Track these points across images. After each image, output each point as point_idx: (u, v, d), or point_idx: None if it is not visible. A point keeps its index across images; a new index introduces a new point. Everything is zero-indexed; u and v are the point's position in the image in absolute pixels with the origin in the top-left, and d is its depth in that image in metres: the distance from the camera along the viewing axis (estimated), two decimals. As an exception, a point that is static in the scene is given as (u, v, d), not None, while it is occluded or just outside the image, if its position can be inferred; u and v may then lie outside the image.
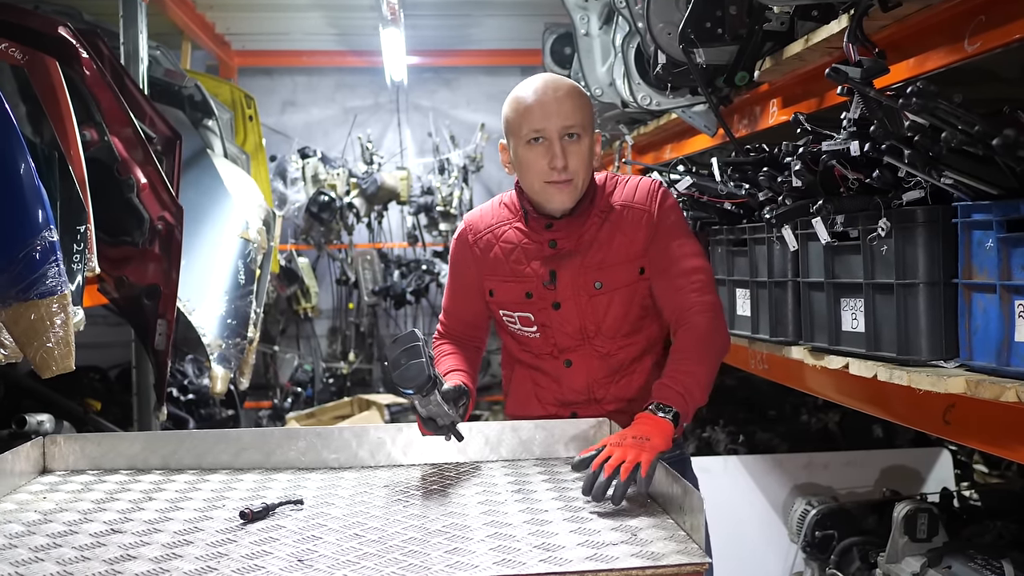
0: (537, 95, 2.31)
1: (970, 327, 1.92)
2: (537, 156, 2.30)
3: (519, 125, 2.32)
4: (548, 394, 2.45)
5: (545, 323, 2.40)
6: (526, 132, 2.30)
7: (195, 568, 1.57)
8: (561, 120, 2.28)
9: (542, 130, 2.29)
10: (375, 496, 2.01)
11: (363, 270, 7.52)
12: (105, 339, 5.02)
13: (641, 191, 2.40)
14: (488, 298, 2.46)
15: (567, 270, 2.36)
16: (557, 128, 2.28)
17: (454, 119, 7.75)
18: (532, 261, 2.39)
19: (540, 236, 2.39)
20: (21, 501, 2.00)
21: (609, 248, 2.36)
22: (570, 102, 2.30)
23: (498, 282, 2.43)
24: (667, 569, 1.55)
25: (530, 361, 2.47)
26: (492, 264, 2.43)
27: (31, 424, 3.47)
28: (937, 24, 2.09)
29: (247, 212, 4.17)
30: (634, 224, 2.36)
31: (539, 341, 2.42)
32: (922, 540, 2.75)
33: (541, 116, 2.29)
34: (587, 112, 2.34)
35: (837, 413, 4.46)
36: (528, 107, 2.30)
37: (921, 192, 2.04)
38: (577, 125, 2.29)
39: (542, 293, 2.38)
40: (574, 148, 2.30)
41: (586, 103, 2.35)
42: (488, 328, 2.58)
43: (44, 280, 2.09)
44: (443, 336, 2.55)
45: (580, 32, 4.11)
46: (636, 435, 1.98)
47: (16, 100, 2.74)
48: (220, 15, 6.52)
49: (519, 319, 2.42)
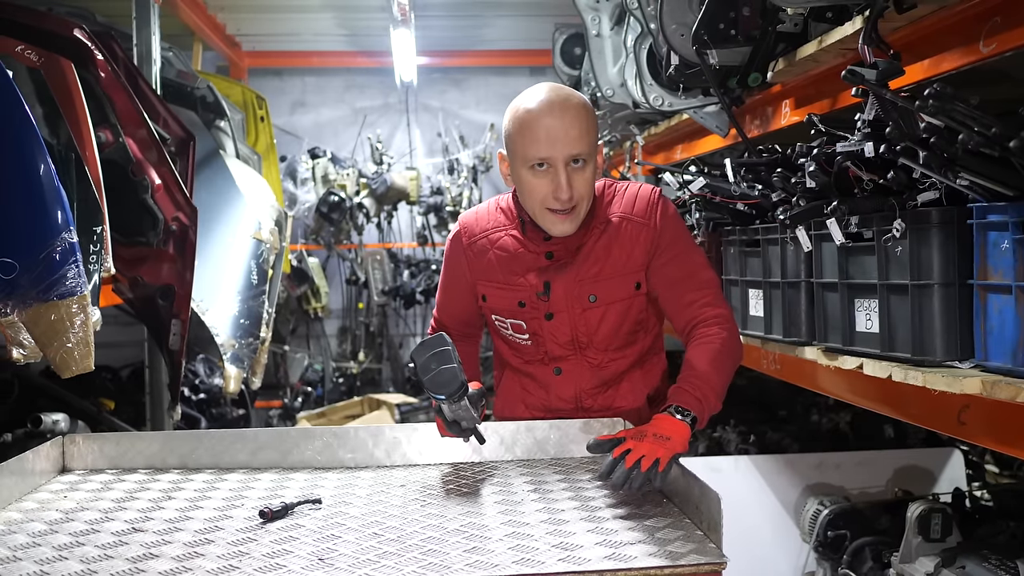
0: (543, 118, 2.18)
1: (985, 328, 1.93)
2: (541, 183, 2.21)
3: (523, 148, 2.21)
4: (536, 400, 2.44)
5: (537, 332, 2.38)
6: (530, 157, 2.20)
7: (218, 567, 1.58)
8: (568, 149, 2.18)
9: (548, 158, 2.19)
10: (392, 495, 2.03)
11: (373, 270, 7.53)
12: (117, 339, 5.03)
13: (640, 203, 2.33)
14: (481, 303, 2.44)
15: (561, 282, 2.32)
16: (563, 157, 2.18)
17: (464, 119, 7.77)
18: (527, 271, 2.35)
19: (537, 247, 2.35)
20: (42, 500, 2.02)
21: (605, 261, 2.31)
22: (577, 127, 2.18)
23: (491, 288, 2.40)
24: (685, 568, 1.56)
25: (520, 366, 2.46)
26: (486, 269, 2.40)
27: (46, 423, 3.49)
28: (952, 25, 2.10)
29: (259, 213, 4.19)
30: (633, 238, 2.31)
31: (530, 348, 2.41)
32: (936, 540, 2.75)
33: (547, 144, 2.18)
34: (594, 133, 2.24)
35: (848, 413, 4.46)
36: (533, 132, 2.19)
37: (936, 193, 2.05)
38: (584, 152, 2.20)
39: (535, 303, 2.35)
40: (579, 176, 2.20)
41: (593, 123, 2.24)
42: (482, 325, 2.57)
43: (64, 281, 2.11)
44: (436, 332, 2.54)
45: (591, 33, 4.12)
46: (656, 433, 1.98)
47: (33, 102, 2.76)
48: (231, 16, 6.54)
49: (511, 326, 2.41)
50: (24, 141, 2.08)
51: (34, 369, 4.10)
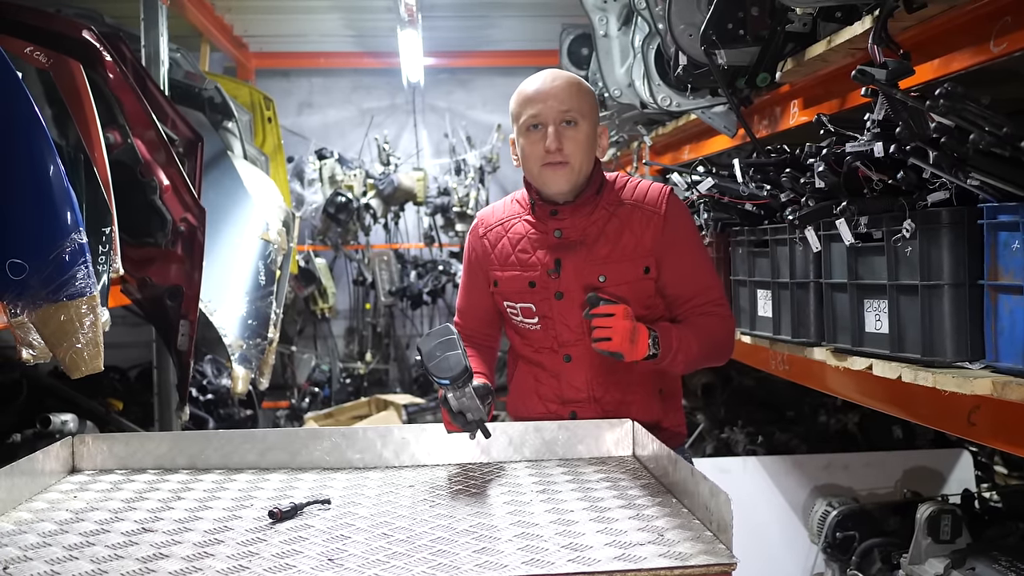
0: (536, 84, 2.39)
1: (996, 328, 1.92)
2: (535, 141, 2.37)
3: (519, 114, 2.40)
4: (548, 391, 2.47)
5: (546, 314, 2.42)
6: (525, 119, 2.38)
7: (227, 567, 1.58)
8: (557, 104, 2.35)
9: (538, 115, 2.36)
10: (401, 496, 2.03)
11: (380, 271, 7.54)
12: (124, 339, 5.04)
13: (652, 193, 2.44)
14: (493, 289, 2.50)
15: (572, 260, 2.40)
16: (553, 113, 2.35)
17: (470, 120, 7.77)
18: (537, 250, 2.43)
19: (546, 225, 2.44)
20: (52, 500, 2.02)
21: (616, 243, 2.39)
22: (568, 89, 2.37)
23: (503, 271, 2.47)
24: (695, 569, 1.56)
25: (531, 356, 2.49)
26: (499, 254, 2.49)
27: (55, 424, 3.50)
28: (962, 25, 2.09)
29: (267, 213, 4.19)
30: (643, 224, 2.40)
31: (540, 334, 2.45)
32: (945, 541, 2.75)
33: (539, 102, 2.36)
34: (586, 100, 2.39)
35: (856, 414, 4.45)
36: (527, 96, 2.39)
37: (946, 193, 2.04)
38: (574, 111, 2.35)
39: (545, 282, 2.41)
40: (570, 133, 2.36)
41: (586, 92, 2.41)
42: (500, 327, 2.61)
43: (73, 282, 2.11)
44: None
45: (599, 33, 4.12)
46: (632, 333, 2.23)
47: (42, 103, 2.76)
48: (238, 17, 6.56)
49: (521, 310, 2.45)
50: (34, 142, 2.08)
51: (43, 369, 4.11)
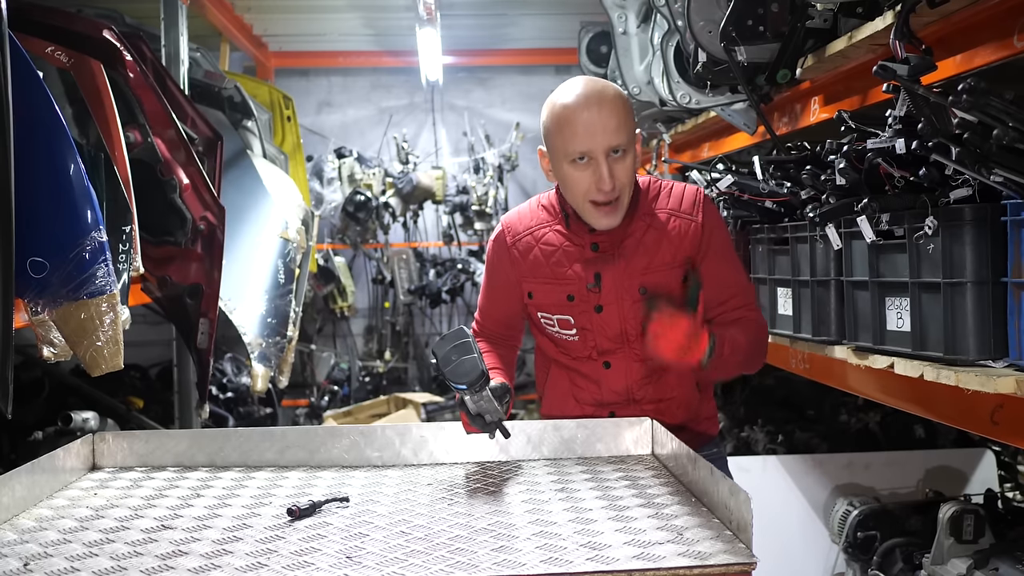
0: (581, 113, 2.22)
1: (1020, 326, 1.90)
2: (582, 176, 2.25)
3: (562, 144, 2.25)
4: (586, 395, 2.45)
5: (585, 326, 2.38)
6: (571, 152, 2.24)
7: (246, 564, 1.59)
8: (607, 140, 2.21)
9: (587, 151, 2.22)
10: (419, 494, 2.02)
11: (399, 269, 7.55)
12: (145, 338, 5.07)
13: (687, 200, 2.37)
14: (527, 300, 2.44)
15: (611, 273, 2.34)
16: (603, 148, 2.21)
17: (489, 118, 7.77)
18: (574, 264, 2.37)
19: (582, 239, 2.36)
20: (73, 497, 2.04)
21: (655, 254, 2.33)
22: (615, 118, 2.22)
23: (538, 284, 2.41)
24: (715, 569, 1.55)
25: (567, 363, 2.46)
26: (531, 266, 2.41)
27: (76, 421, 3.52)
28: (985, 20, 2.07)
29: (287, 212, 4.21)
30: (680, 233, 2.34)
31: (577, 344, 2.42)
32: (968, 542, 2.72)
33: (586, 137, 2.21)
34: (631, 124, 2.27)
35: (878, 413, 4.42)
36: (572, 127, 2.22)
37: (969, 190, 2.02)
38: (623, 142, 2.23)
39: (585, 296, 2.36)
40: (619, 166, 2.24)
41: (630, 113, 2.28)
42: (523, 328, 2.58)
43: (93, 280, 2.12)
44: (478, 335, 2.54)
45: (618, 31, 4.10)
46: (689, 345, 2.16)
47: (63, 102, 2.79)
48: (258, 17, 6.57)
49: (558, 322, 2.41)
50: (54, 141, 2.10)
51: (64, 367, 4.14)
